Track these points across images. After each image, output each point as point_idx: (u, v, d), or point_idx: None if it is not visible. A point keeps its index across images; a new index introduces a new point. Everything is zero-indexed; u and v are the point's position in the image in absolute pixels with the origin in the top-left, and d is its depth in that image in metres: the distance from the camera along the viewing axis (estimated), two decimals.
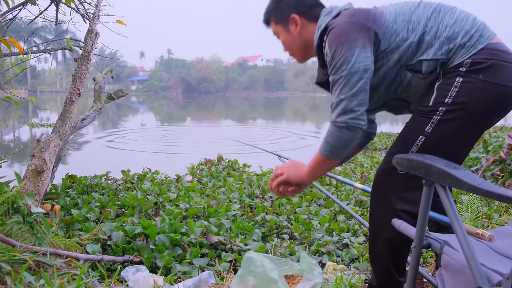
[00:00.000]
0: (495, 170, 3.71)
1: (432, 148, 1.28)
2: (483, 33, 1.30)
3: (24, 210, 1.64)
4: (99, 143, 9.27)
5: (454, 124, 1.29)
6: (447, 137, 1.31)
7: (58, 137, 2.97)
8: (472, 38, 1.29)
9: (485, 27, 1.33)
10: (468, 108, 1.26)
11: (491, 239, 1.09)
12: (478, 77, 1.25)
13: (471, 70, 1.26)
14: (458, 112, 1.27)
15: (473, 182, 0.75)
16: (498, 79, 1.25)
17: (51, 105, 26.39)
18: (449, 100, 1.28)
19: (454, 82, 1.27)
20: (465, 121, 1.29)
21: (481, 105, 1.26)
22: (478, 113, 1.28)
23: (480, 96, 1.25)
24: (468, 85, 1.26)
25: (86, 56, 3.30)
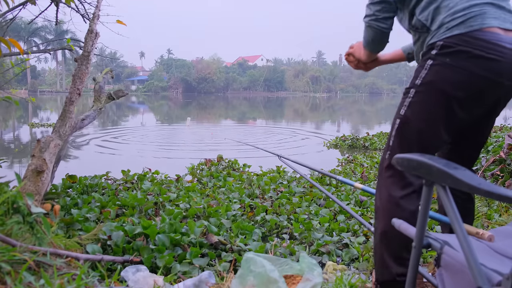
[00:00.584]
0: (495, 170, 3.71)
1: (408, 129, 1.42)
2: (469, 20, 1.32)
3: (24, 210, 1.64)
4: (99, 143, 9.27)
5: (423, 103, 1.38)
6: (419, 118, 1.39)
7: (58, 137, 2.97)
8: (453, 21, 1.33)
9: (480, 15, 1.32)
10: (434, 88, 1.35)
11: (491, 239, 1.09)
12: (445, 60, 1.33)
13: (440, 53, 1.34)
14: (425, 92, 1.37)
15: (473, 182, 0.75)
16: (464, 64, 1.30)
17: (51, 105, 26.39)
18: (419, 81, 1.38)
19: (425, 65, 1.37)
20: (432, 100, 1.36)
21: (446, 85, 1.33)
22: (443, 92, 1.34)
23: (445, 77, 1.33)
24: (436, 67, 1.34)
25: (86, 56, 3.30)
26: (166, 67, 75.29)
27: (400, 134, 1.45)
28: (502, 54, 1.29)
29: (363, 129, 13.32)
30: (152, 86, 69.09)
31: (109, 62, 42.49)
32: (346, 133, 10.02)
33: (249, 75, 74.70)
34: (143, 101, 42.76)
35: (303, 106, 36.61)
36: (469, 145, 1.58)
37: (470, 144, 1.58)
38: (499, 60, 1.29)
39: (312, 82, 76.30)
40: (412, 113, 1.40)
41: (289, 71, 79.55)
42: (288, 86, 77.34)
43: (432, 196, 0.93)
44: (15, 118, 16.99)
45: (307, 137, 11.09)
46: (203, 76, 69.27)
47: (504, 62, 1.30)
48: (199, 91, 68.37)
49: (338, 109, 31.63)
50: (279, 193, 3.76)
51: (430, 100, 1.37)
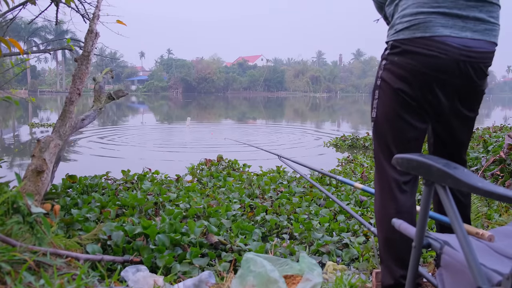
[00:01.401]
0: (495, 170, 3.71)
1: (381, 129, 1.50)
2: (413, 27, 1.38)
3: (24, 210, 1.64)
4: (99, 143, 9.27)
5: (384, 101, 1.47)
6: (384, 116, 1.48)
7: (58, 137, 2.97)
8: (400, 24, 1.42)
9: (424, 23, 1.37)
10: (388, 85, 1.44)
11: (491, 239, 1.09)
12: (394, 59, 1.43)
13: (391, 53, 1.44)
14: (383, 91, 1.47)
15: (473, 182, 0.75)
16: (409, 62, 1.39)
17: (51, 105, 26.37)
18: (378, 81, 1.49)
19: (381, 65, 1.48)
20: (389, 97, 1.45)
21: (397, 82, 1.42)
22: (395, 88, 1.42)
23: (395, 75, 1.42)
24: (388, 66, 1.45)
25: (86, 56, 3.30)
26: (166, 67, 75.27)
27: (377, 135, 1.53)
28: (445, 51, 1.35)
29: (363, 129, 13.32)
30: (152, 86, 69.08)
31: (109, 62, 42.47)
32: (346, 133, 10.03)
33: (249, 75, 74.69)
34: (143, 101, 42.76)
35: (303, 106, 36.62)
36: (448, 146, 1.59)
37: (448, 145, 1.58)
38: (439, 57, 1.35)
39: (312, 82, 76.30)
40: (380, 113, 1.49)
41: (289, 71, 79.52)
42: (288, 86, 77.33)
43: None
44: (15, 118, 16.99)
45: (307, 137, 11.09)
46: (203, 76, 69.25)
47: (446, 59, 1.35)
48: (199, 91, 68.35)
49: (338, 109, 31.63)
50: (279, 193, 3.76)
51: (388, 97, 1.45)
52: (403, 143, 1.47)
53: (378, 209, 1.53)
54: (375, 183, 1.57)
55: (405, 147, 1.46)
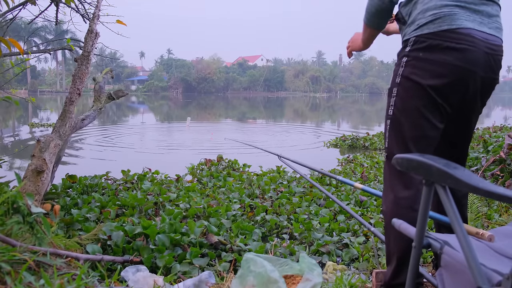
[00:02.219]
0: (495, 170, 3.71)
1: (399, 127, 1.45)
2: (438, 20, 1.36)
3: (24, 210, 1.64)
4: (99, 143, 9.27)
5: (405, 99, 1.43)
6: (405, 113, 1.44)
7: (58, 137, 2.97)
8: (423, 19, 1.39)
9: (449, 16, 1.36)
10: (411, 81, 1.40)
11: (491, 239, 1.09)
12: (419, 55, 1.39)
13: (413, 49, 1.40)
14: (405, 88, 1.43)
15: (473, 182, 0.75)
16: (436, 56, 1.36)
17: (51, 105, 26.37)
18: (398, 79, 1.44)
19: (401, 63, 1.44)
20: (412, 93, 1.41)
21: (422, 77, 1.38)
22: (420, 84, 1.39)
23: (420, 70, 1.39)
24: (410, 62, 1.41)
25: (86, 56, 3.30)
26: (166, 67, 75.26)
27: (394, 133, 1.48)
28: (473, 44, 1.34)
29: (363, 129, 13.32)
30: (152, 86, 69.07)
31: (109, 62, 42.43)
32: (346, 133, 10.02)
33: (249, 75, 74.67)
34: (143, 101, 42.75)
35: (303, 106, 36.61)
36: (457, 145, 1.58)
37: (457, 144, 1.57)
38: (470, 50, 1.34)
39: (312, 82, 76.28)
40: (399, 110, 1.45)
41: (289, 71, 79.49)
42: (288, 86, 77.31)
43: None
44: (15, 118, 16.99)
45: (307, 137, 11.08)
46: (203, 76, 69.23)
47: (476, 52, 1.35)
48: (199, 91, 68.34)
49: (338, 109, 31.63)
50: (279, 193, 3.76)
51: (411, 94, 1.42)
52: (422, 141, 1.44)
53: (388, 205, 1.49)
54: (384, 181, 1.54)
55: (424, 145, 1.44)
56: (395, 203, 1.45)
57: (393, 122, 1.47)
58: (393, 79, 1.47)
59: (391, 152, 1.49)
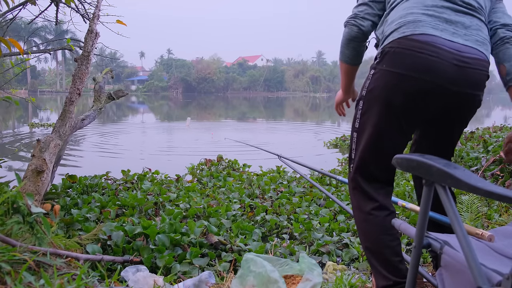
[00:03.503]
0: (495, 170, 3.71)
1: (364, 140, 1.44)
2: (402, 28, 1.33)
3: (24, 210, 1.64)
4: (99, 143, 9.27)
5: (369, 112, 1.41)
6: (368, 126, 1.42)
7: (58, 137, 2.97)
8: (389, 29, 1.38)
9: (413, 22, 1.32)
10: (375, 95, 1.38)
11: (491, 239, 1.09)
12: (382, 67, 1.36)
13: (379, 61, 1.37)
14: (369, 101, 1.40)
15: (473, 182, 0.75)
16: (395, 67, 1.32)
17: (51, 105, 26.39)
18: (364, 91, 1.43)
19: (369, 76, 1.42)
20: (376, 108, 1.39)
21: (384, 91, 1.35)
22: (383, 98, 1.36)
23: (383, 83, 1.35)
24: (375, 75, 1.39)
25: (86, 56, 3.30)
26: (166, 67, 75.25)
27: (359, 146, 1.47)
28: (436, 54, 1.27)
29: None
30: (152, 86, 69.07)
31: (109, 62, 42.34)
32: (346, 133, 10.02)
33: (249, 75, 74.65)
34: (143, 101, 42.75)
35: (303, 106, 36.60)
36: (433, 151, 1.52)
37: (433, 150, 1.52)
38: (433, 60, 1.26)
39: (312, 82, 76.26)
40: (364, 124, 1.44)
41: (289, 71, 79.47)
42: (288, 86, 77.29)
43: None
44: (15, 118, 16.98)
45: (307, 137, 11.09)
46: (203, 76, 69.22)
47: (440, 63, 1.27)
48: (199, 91, 68.34)
49: None
50: (279, 193, 3.76)
51: (374, 108, 1.39)
52: (382, 151, 1.42)
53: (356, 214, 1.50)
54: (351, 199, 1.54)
55: (384, 155, 1.40)
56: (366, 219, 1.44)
57: (358, 135, 1.47)
58: (360, 92, 1.46)
59: (357, 164, 1.48)
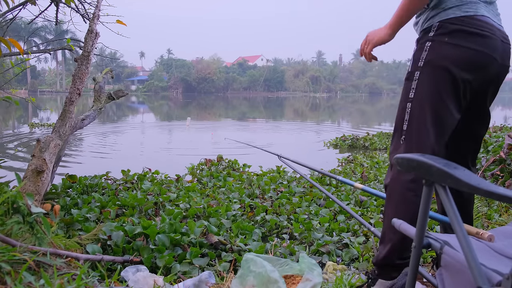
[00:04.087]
0: (495, 170, 3.71)
1: (421, 110, 1.45)
2: (464, 6, 1.42)
3: (24, 210, 1.64)
4: (99, 143, 9.27)
5: (429, 82, 1.43)
6: (429, 96, 1.44)
7: (58, 137, 2.97)
8: (449, 2, 1.43)
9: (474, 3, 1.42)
10: (436, 65, 1.42)
11: (491, 239, 1.09)
12: (444, 39, 1.41)
13: (438, 34, 1.42)
14: (429, 71, 1.43)
15: (473, 182, 0.75)
16: (461, 41, 1.40)
17: (51, 105, 26.40)
18: (421, 63, 1.45)
19: (424, 47, 1.45)
20: (437, 77, 1.42)
21: (447, 61, 1.40)
22: (445, 68, 1.41)
23: (445, 54, 1.41)
24: (435, 46, 1.43)
25: (86, 56, 3.30)
26: (166, 67, 75.24)
27: (415, 116, 1.46)
28: (493, 32, 1.42)
29: (363, 129, 13.32)
30: (152, 86, 69.07)
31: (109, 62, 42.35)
32: (346, 133, 10.02)
33: (249, 75, 74.64)
34: (143, 101, 42.75)
35: (303, 106, 36.60)
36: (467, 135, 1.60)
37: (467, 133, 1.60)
38: (491, 37, 1.41)
39: (312, 82, 76.26)
40: (421, 93, 1.44)
41: (289, 71, 79.45)
42: (288, 86, 77.29)
43: (432, 196, 0.93)
44: (15, 118, 16.98)
45: (307, 137, 11.09)
46: (203, 76, 69.21)
47: (496, 40, 1.42)
48: (199, 91, 68.33)
49: (338, 109, 31.62)
50: (279, 193, 3.76)
51: (435, 78, 1.42)
52: (440, 126, 1.45)
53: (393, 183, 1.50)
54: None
55: (441, 130, 1.45)
56: (405, 188, 1.45)
57: (414, 105, 1.46)
58: (414, 63, 1.47)
59: (409, 135, 1.48)
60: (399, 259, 1.51)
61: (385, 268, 1.55)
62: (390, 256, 1.52)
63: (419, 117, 1.46)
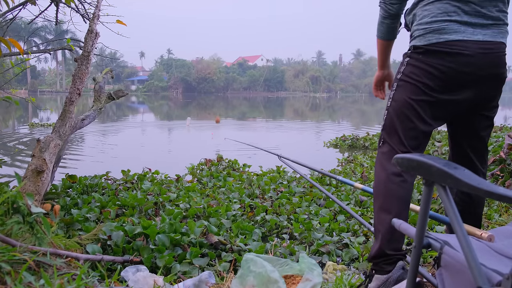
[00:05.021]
0: (495, 170, 3.71)
1: (394, 117, 1.61)
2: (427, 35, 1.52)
3: (24, 210, 1.64)
4: (99, 143, 9.27)
5: (402, 93, 1.59)
6: (400, 104, 1.59)
7: (58, 137, 2.97)
8: (417, 31, 1.56)
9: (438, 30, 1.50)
10: (410, 78, 1.56)
11: (491, 239, 1.09)
12: (419, 57, 1.56)
13: (414, 52, 1.58)
14: (404, 83, 1.59)
15: (473, 182, 0.75)
16: (433, 59, 1.52)
17: (51, 105, 26.40)
18: (399, 75, 1.62)
19: (403, 62, 1.62)
20: (408, 89, 1.57)
21: (420, 76, 1.54)
22: (417, 82, 1.55)
23: (419, 70, 1.55)
24: (411, 62, 1.58)
25: (86, 56, 3.30)
26: (166, 67, 75.20)
27: (389, 122, 1.63)
28: (465, 48, 1.48)
29: (363, 128, 13.31)
30: (152, 86, 69.04)
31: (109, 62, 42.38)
32: (346, 132, 10.02)
33: (249, 75, 74.61)
34: (143, 101, 42.75)
35: (303, 106, 36.60)
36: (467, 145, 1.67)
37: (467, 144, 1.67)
38: (463, 53, 1.48)
39: (312, 82, 76.23)
40: (395, 102, 1.62)
41: (289, 71, 79.42)
42: (288, 86, 77.26)
43: (433, 196, 0.93)
44: (15, 118, 16.98)
45: (307, 137, 11.08)
46: (203, 76, 69.18)
47: (469, 55, 1.48)
48: (199, 91, 68.32)
49: (338, 109, 31.62)
50: (279, 193, 3.76)
51: (407, 89, 1.58)
52: (412, 132, 1.58)
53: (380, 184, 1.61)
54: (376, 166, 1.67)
55: (413, 136, 1.58)
56: (388, 180, 1.57)
57: (389, 112, 1.64)
58: (396, 75, 1.65)
59: (384, 139, 1.66)
60: (390, 249, 1.55)
61: (378, 262, 1.57)
62: (381, 248, 1.56)
63: (392, 123, 1.63)
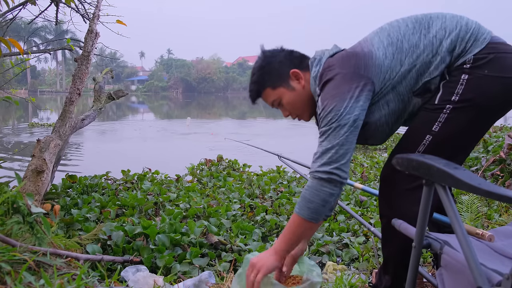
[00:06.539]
0: (495, 170, 3.71)
1: (440, 146, 1.32)
2: (478, 36, 1.29)
3: (24, 210, 1.64)
4: (99, 143, 9.27)
5: (462, 120, 1.29)
6: (455, 134, 1.32)
7: (58, 137, 2.97)
8: (468, 43, 1.30)
9: (479, 28, 1.31)
10: (476, 104, 1.27)
11: (491, 239, 1.09)
12: (484, 72, 1.26)
13: (475, 66, 1.27)
14: (466, 109, 1.28)
15: (473, 182, 0.75)
16: (503, 71, 1.26)
17: (51, 105, 26.40)
18: (456, 97, 1.28)
19: (460, 80, 1.28)
20: (473, 116, 1.29)
21: (489, 99, 1.27)
22: (486, 107, 1.28)
23: (487, 91, 1.26)
24: (474, 81, 1.26)
25: (86, 56, 3.30)
26: (166, 67, 75.16)
27: (429, 149, 1.34)
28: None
29: None
30: (152, 86, 69.02)
31: (109, 62, 42.38)
32: None
33: (249, 75, 74.08)
34: (143, 101, 42.75)
35: None
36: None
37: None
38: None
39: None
40: (448, 130, 1.31)
41: None
42: None
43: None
44: (15, 118, 16.98)
45: (307, 137, 11.08)
46: (203, 76, 69.14)
47: None
48: (199, 91, 68.30)
49: None
50: (279, 193, 3.76)
51: (469, 117, 1.29)
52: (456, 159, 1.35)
53: None
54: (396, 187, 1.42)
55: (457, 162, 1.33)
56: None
57: (435, 140, 1.32)
58: (446, 95, 1.30)
59: None
60: None
61: None
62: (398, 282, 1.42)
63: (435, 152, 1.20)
